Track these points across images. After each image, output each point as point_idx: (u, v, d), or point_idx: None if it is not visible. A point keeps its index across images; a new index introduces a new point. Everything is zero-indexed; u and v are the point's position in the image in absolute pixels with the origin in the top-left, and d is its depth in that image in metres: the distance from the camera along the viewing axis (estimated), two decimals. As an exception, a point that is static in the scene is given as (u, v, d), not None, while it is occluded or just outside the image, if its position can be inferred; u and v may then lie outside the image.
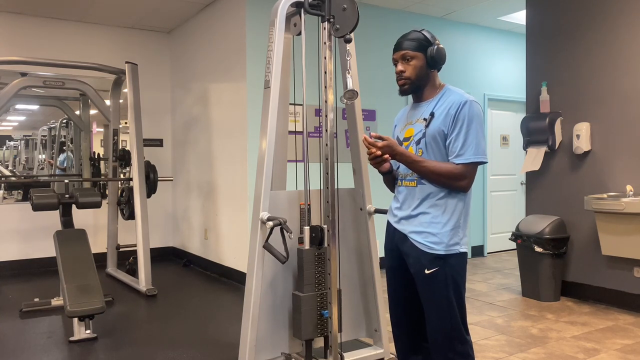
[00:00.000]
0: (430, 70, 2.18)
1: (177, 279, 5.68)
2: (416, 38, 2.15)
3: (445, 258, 2.08)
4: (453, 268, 2.09)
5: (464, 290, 2.15)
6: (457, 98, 2.10)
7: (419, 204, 2.14)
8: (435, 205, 2.11)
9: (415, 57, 2.15)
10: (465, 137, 2.04)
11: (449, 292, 2.09)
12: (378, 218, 3.17)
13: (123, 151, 5.59)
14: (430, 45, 2.15)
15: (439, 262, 2.08)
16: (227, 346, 3.48)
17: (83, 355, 3.41)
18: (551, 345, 3.50)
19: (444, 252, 2.08)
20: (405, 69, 2.17)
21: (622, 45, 4.35)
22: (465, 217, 2.14)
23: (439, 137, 2.10)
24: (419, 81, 2.18)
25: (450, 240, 2.08)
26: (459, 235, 2.11)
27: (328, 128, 2.76)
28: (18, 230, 5.93)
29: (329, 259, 2.78)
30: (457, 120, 2.06)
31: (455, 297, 2.10)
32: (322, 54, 2.76)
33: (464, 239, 2.13)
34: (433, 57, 2.14)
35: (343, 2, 2.66)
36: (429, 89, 2.21)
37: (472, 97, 2.13)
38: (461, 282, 2.13)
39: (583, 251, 4.62)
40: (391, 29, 5.96)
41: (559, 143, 4.78)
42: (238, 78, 5.16)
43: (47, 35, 6.03)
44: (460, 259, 2.12)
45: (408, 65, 2.16)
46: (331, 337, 2.78)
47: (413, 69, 2.16)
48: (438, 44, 2.16)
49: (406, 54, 2.16)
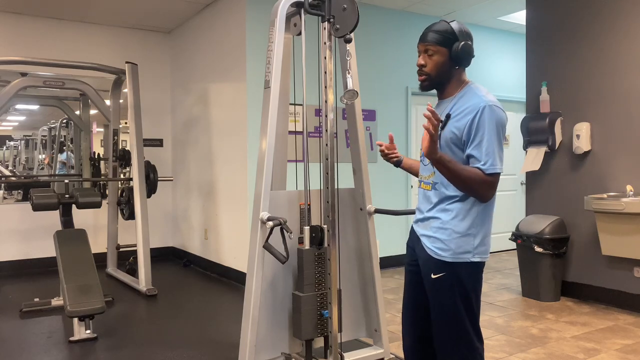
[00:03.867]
0: (455, 67, 2.01)
1: (177, 279, 5.69)
2: (442, 30, 1.99)
3: (453, 266, 1.99)
4: (461, 277, 1.99)
5: (476, 298, 2.04)
6: (476, 102, 1.93)
7: (431, 207, 2.07)
8: (446, 210, 2.01)
9: (438, 52, 1.99)
10: (488, 142, 1.89)
11: (454, 298, 2.00)
12: (378, 218, 3.17)
13: (123, 151, 5.59)
14: (457, 41, 1.97)
15: (445, 268, 2.00)
16: (227, 346, 3.48)
17: (83, 355, 3.41)
18: (551, 345, 3.50)
19: (451, 259, 1.99)
20: (426, 63, 2.03)
21: (622, 45, 4.35)
22: (482, 225, 2.00)
23: (453, 142, 1.97)
24: (439, 78, 2.03)
25: (459, 248, 1.97)
26: (471, 243, 1.98)
27: (328, 128, 2.76)
28: (18, 230, 5.93)
29: (329, 259, 2.78)
30: (477, 127, 1.90)
31: (463, 304, 2.00)
32: (322, 54, 2.76)
33: (479, 247, 1.99)
34: (457, 54, 1.97)
35: (343, 2, 2.66)
36: (452, 86, 2.05)
37: (493, 99, 1.96)
38: (471, 291, 2.01)
39: (583, 251, 4.62)
40: (391, 29, 5.96)
41: (559, 143, 4.78)
42: (238, 78, 5.16)
43: (47, 35, 6.03)
44: (470, 269, 1.99)
45: (430, 59, 2.01)
46: (331, 337, 2.78)
47: (434, 64, 2.01)
48: (466, 40, 1.99)
49: (429, 48, 2.00)
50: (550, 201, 4.88)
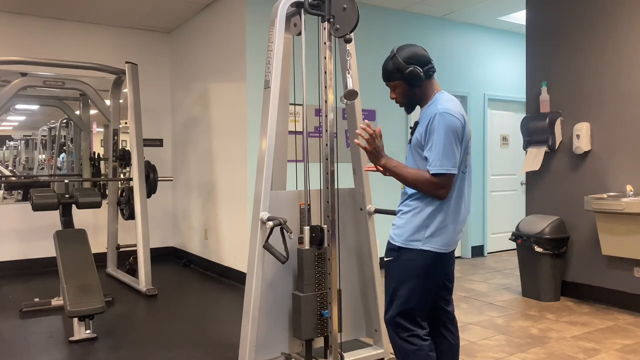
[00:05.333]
0: (416, 87, 2.26)
1: (177, 279, 5.69)
2: (390, 69, 2.28)
3: (400, 251, 2.23)
4: (406, 261, 2.21)
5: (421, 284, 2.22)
6: (432, 110, 2.19)
7: (400, 202, 2.33)
8: (407, 205, 2.26)
9: (397, 85, 2.29)
10: (436, 147, 2.13)
11: (397, 282, 2.25)
12: (378, 218, 3.17)
13: (123, 151, 5.59)
14: (405, 69, 2.22)
15: (394, 253, 2.26)
16: (227, 346, 3.48)
17: (83, 355, 3.41)
18: (551, 345, 3.50)
19: (400, 244, 2.22)
20: (395, 96, 2.33)
21: (622, 45, 4.35)
22: (437, 219, 2.20)
23: (417, 145, 2.24)
24: (410, 101, 2.31)
25: (411, 237, 2.20)
26: (423, 233, 2.19)
27: (328, 128, 2.76)
28: (18, 230, 5.93)
29: (329, 259, 2.78)
30: (430, 132, 2.15)
31: (402, 289, 2.22)
32: (322, 54, 2.76)
33: (431, 238, 2.19)
34: (409, 81, 2.23)
35: (343, 2, 2.66)
36: (425, 99, 2.30)
37: (449, 107, 2.17)
38: (415, 276, 2.21)
39: (583, 251, 4.62)
40: (391, 29, 5.96)
41: (559, 143, 4.78)
42: (238, 78, 5.16)
43: (47, 35, 6.03)
44: (419, 255, 2.20)
45: (395, 92, 2.32)
46: (331, 337, 2.79)
47: (400, 95, 2.31)
48: (412, 66, 2.21)
49: (389, 85, 2.33)
50: (550, 201, 4.88)
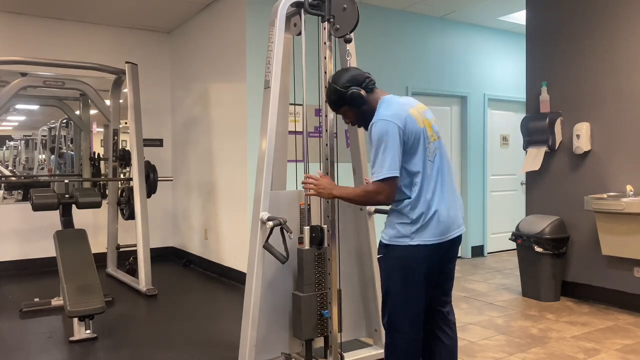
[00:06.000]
0: (362, 105, 2.35)
1: (177, 279, 5.69)
2: (332, 101, 2.41)
3: (388, 247, 2.31)
4: (394, 258, 2.29)
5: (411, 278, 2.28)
6: (371, 122, 2.28)
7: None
8: (394, 207, 2.34)
9: (345, 111, 2.42)
10: (374, 156, 2.22)
11: (388, 280, 2.33)
12: (378, 218, 3.17)
13: (123, 151, 5.59)
14: (345, 94, 2.32)
15: (383, 250, 2.34)
16: (227, 346, 3.48)
17: (83, 355, 3.41)
18: (551, 345, 3.50)
19: (387, 241, 2.31)
20: (348, 120, 2.47)
21: (622, 45, 4.35)
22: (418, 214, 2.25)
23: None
24: (362, 120, 2.41)
25: (398, 234, 2.28)
26: (409, 229, 2.26)
27: (328, 128, 2.76)
28: (18, 230, 5.93)
29: (329, 259, 2.78)
30: (370, 142, 2.27)
31: (393, 287, 2.30)
32: (322, 54, 2.76)
33: (418, 233, 2.25)
34: (352, 102, 2.34)
35: (343, 2, 2.66)
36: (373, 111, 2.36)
37: (383, 113, 2.26)
38: (402, 273, 2.28)
39: (583, 251, 4.62)
40: (391, 29, 5.96)
41: (559, 143, 4.78)
42: (238, 78, 5.16)
43: (47, 35, 6.03)
44: (406, 251, 2.26)
45: (346, 116, 2.46)
46: (331, 337, 2.79)
47: (352, 117, 2.44)
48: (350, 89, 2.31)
49: (337, 112, 2.48)
50: (550, 201, 4.88)
